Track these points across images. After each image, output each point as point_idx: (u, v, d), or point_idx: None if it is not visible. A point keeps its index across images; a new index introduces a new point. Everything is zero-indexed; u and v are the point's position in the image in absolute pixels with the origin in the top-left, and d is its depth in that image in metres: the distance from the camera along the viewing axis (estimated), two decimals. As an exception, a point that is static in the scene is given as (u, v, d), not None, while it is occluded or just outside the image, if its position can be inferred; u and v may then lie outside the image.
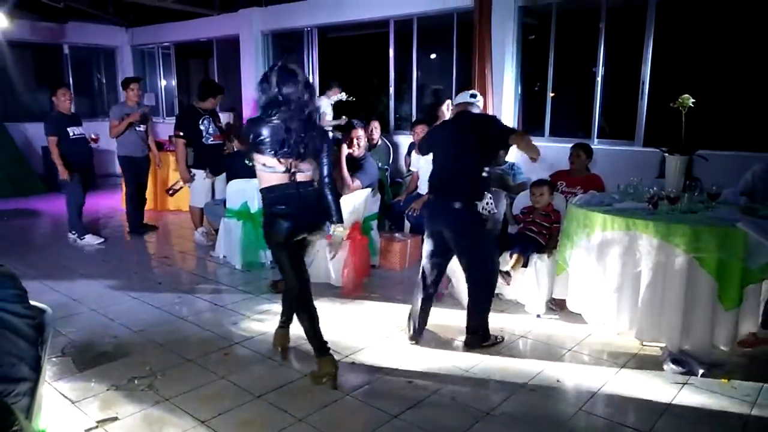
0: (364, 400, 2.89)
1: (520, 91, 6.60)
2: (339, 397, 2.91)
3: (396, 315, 4.03)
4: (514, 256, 3.94)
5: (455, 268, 4.24)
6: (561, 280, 3.91)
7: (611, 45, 5.99)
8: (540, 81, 6.61)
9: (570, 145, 4.91)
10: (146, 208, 6.68)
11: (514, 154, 5.51)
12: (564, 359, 3.38)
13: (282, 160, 2.83)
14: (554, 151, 5.91)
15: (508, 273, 3.97)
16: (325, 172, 2.98)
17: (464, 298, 4.12)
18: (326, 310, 4.11)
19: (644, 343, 3.50)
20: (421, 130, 5.55)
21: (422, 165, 5.62)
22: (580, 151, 4.77)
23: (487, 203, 4.29)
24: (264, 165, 2.87)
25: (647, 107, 5.79)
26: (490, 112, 6.19)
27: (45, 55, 10.42)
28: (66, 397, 2.85)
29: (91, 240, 5.94)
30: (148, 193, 6.84)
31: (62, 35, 10.22)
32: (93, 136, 6.08)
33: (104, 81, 11.42)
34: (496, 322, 3.85)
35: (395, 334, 3.71)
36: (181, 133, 5.70)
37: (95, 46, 10.94)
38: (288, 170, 2.86)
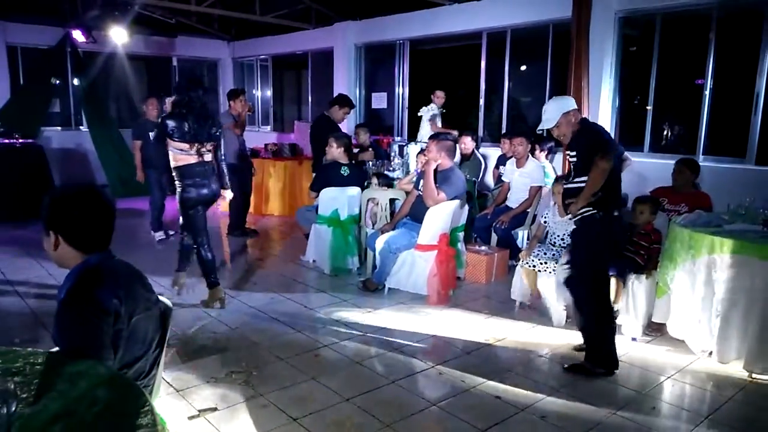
0: (450, 411, 2.88)
1: (617, 104, 6.36)
2: (425, 407, 2.92)
3: (482, 328, 3.99)
4: (613, 280, 3.78)
5: (541, 287, 4.16)
6: (661, 303, 3.71)
7: (721, 55, 5.64)
8: (640, 94, 6.33)
9: (670, 162, 4.67)
10: (249, 212, 7.04)
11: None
12: (661, 387, 3.20)
13: (189, 144, 4.03)
14: (653, 167, 5.65)
15: None
16: (221, 152, 4.29)
17: (551, 316, 4.04)
18: (412, 318, 4.14)
19: (753, 375, 3.25)
20: (520, 142, 5.43)
21: (515, 177, 5.53)
22: (684, 167, 4.51)
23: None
24: (179, 150, 4.05)
25: (761, 122, 5.39)
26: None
27: (156, 67, 11.26)
28: (171, 385, 3.05)
29: (157, 235, 6.50)
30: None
31: (172, 48, 11.01)
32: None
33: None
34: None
35: (483, 346, 3.67)
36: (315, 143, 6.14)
37: (200, 58, 11.69)
38: (197, 152, 4.09)
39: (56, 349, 1.67)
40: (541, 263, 4.10)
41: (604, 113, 6.20)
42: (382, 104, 8.99)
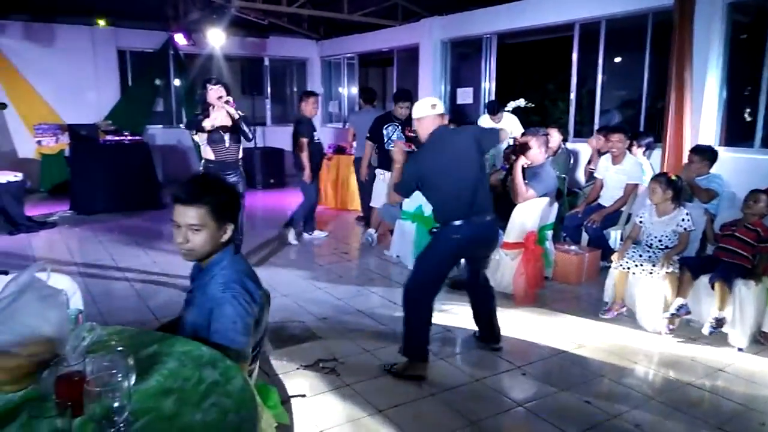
0: (537, 413, 2.81)
1: (725, 97, 5.91)
2: (511, 407, 2.88)
3: (570, 330, 3.86)
4: (717, 285, 3.54)
5: (633, 291, 3.95)
6: (772, 311, 3.43)
7: None
8: (751, 85, 5.85)
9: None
10: (328, 206, 7.17)
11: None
12: (773, 402, 2.96)
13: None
14: (766, 164, 5.21)
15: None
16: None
17: (645, 321, 3.83)
18: (499, 317, 4.06)
19: None
20: (619, 139, 5.16)
21: (610, 174, 5.28)
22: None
23: (683, 219, 3.94)
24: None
25: None
26: (687, 118, 5.64)
27: (249, 67, 11.77)
28: (263, 370, 3.19)
29: (318, 234, 6.50)
30: (332, 193, 7.33)
31: (264, 49, 11.47)
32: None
33: (295, 89, 12.57)
34: (689, 351, 3.52)
35: (572, 349, 3.55)
36: (368, 135, 6.20)
37: (290, 58, 12.09)
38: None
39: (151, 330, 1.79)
40: (636, 265, 3.91)
41: (708, 106, 5.78)
42: (468, 99, 8.88)
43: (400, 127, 6.01)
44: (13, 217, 6.61)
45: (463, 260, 3.52)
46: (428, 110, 3.25)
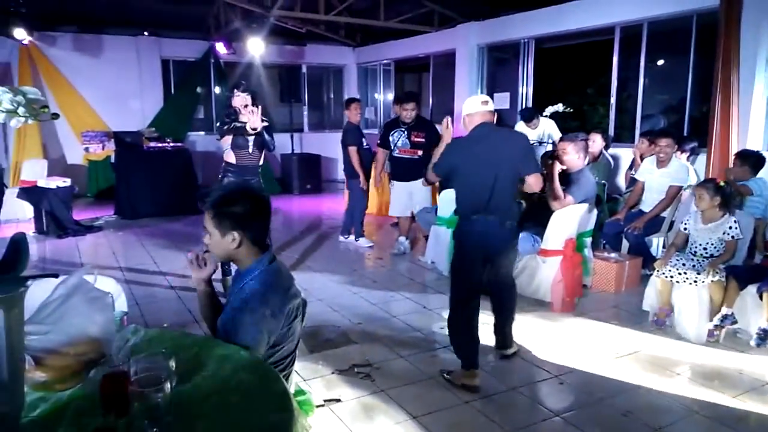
0: (575, 423, 2.76)
1: (774, 100, 5.70)
2: (548, 417, 2.83)
3: (609, 340, 3.78)
4: (765, 295, 3.40)
5: (676, 300, 3.84)
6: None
7: None
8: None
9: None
10: (369, 212, 7.17)
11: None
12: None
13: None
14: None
15: None
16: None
17: (688, 331, 3.72)
18: (533, 325, 4.02)
19: None
20: (668, 143, 4.99)
21: (654, 178, 5.12)
22: None
23: (730, 227, 3.81)
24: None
25: None
26: (734, 123, 5.46)
27: (287, 74, 11.95)
28: (299, 374, 3.22)
29: (363, 243, 6.42)
30: (373, 200, 7.44)
31: (301, 56, 11.64)
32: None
33: (332, 96, 12.70)
34: (735, 363, 3.41)
35: (611, 359, 3.47)
36: (378, 142, 6.15)
37: (327, 65, 12.23)
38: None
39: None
40: (680, 273, 3.79)
41: (757, 110, 5.59)
42: (505, 104, 8.81)
43: (405, 133, 5.77)
44: (61, 221, 6.87)
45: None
46: (479, 106, 3.29)
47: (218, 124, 4.78)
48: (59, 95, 9.23)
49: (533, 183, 3.26)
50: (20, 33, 8.02)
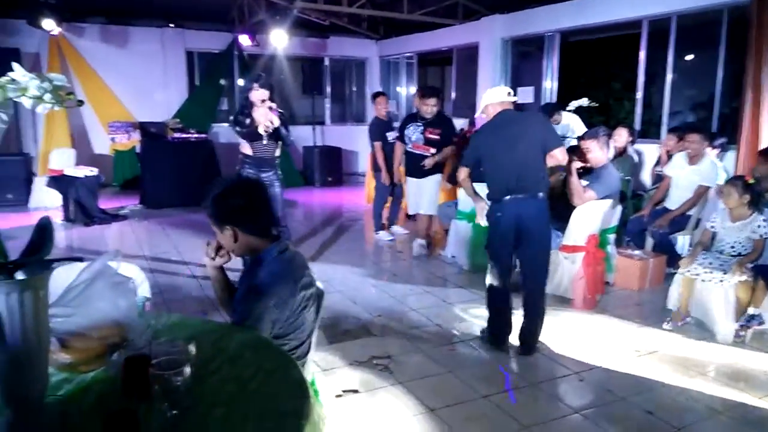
0: (595, 421, 2.73)
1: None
2: (567, 413, 2.80)
3: (631, 338, 3.72)
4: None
5: (702, 299, 3.76)
6: None
7: None
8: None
9: None
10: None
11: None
12: None
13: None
14: None
15: None
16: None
17: (713, 330, 3.64)
18: (554, 321, 3.98)
19: None
20: (696, 140, 4.87)
21: (684, 174, 5.00)
22: None
23: (759, 225, 3.72)
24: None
25: None
26: (765, 119, 5.32)
27: (310, 67, 11.98)
28: (317, 364, 3.24)
29: (383, 236, 6.37)
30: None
31: (324, 49, 11.64)
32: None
33: (354, 89, 12.70)
34: (761, 364, 3.34)
35: (632, 357, 3.42)
36: (397, 135, 5.87)
37: (349, 58, 12.22)
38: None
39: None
40: (706, 272, 3.72)
41: (789, 106, 5.43)
42: (528, 99, 8.71)
43: (421, 128, 5.54)
44: (88, 209, 7.00)
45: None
46: (503, 96, 3.48)
47: (232, 117, 4.80)
48: (87, 86, 9.38)
49: (559, 155, 3.40)
50: (49, 24, 8.15)
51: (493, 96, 3.49)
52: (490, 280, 3.54)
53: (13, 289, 1.16)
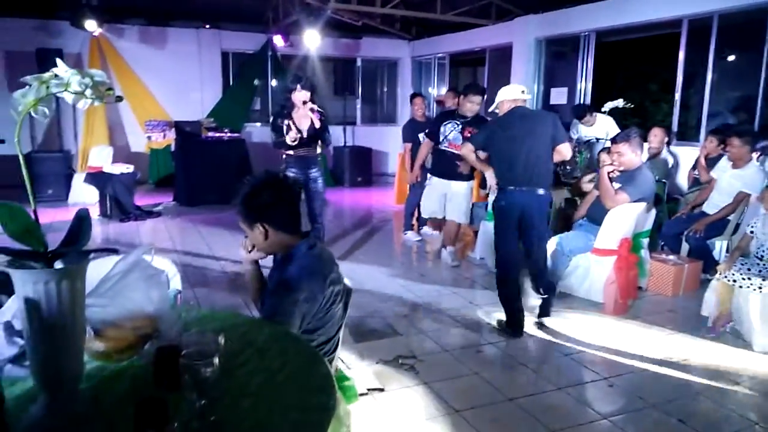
0: (624, 427, 2.68)
1: None
2: (595, 419, 2.76)
3: (663, 344, 3.64)
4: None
5: (739, 306, 3.65)
6: None
7: None
8: None
9: None
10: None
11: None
12: None
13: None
14: None
15: None
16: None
17: (752, 339, 3.53)
18: (584, 325, 3.93)
19: None
20: (740, 143, 4.65)
21: (726, 177, 4.81)
22: None
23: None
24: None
25: None
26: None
27: (342, 67, 12.05)
28: (343, 362, 3.26)
29: (411, 237, 6.33)
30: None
31: (356, 49, 11.70)
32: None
33: (386, 90, 12.71)
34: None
35: (664, 364, 3.34)
36: (427, 131, 5.62)
37: (382, 58, 12.24)
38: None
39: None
40: (743, 278, 3.60)
41: (836, 109, 5.24)
42: (562, 100, 8.59)
43: (460, 126, 5.24)
44: (124, 205, 7.19)
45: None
46: (518, 94, 3.79)
47: (271, 119, 4.85)
48: (125, 85, 9.63)
49: (564, 150, 3.68)
50: (91, 25, 8.41)
51: (508, 93, 3.79)
52: (497, 268, 3.79)
53: (52, 277, 1.20)
